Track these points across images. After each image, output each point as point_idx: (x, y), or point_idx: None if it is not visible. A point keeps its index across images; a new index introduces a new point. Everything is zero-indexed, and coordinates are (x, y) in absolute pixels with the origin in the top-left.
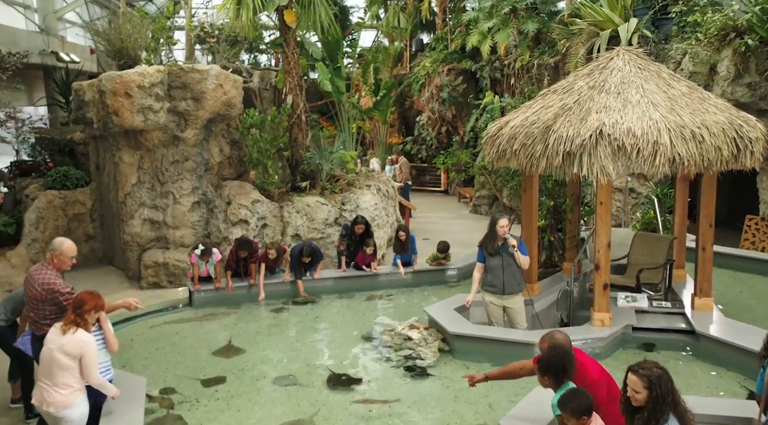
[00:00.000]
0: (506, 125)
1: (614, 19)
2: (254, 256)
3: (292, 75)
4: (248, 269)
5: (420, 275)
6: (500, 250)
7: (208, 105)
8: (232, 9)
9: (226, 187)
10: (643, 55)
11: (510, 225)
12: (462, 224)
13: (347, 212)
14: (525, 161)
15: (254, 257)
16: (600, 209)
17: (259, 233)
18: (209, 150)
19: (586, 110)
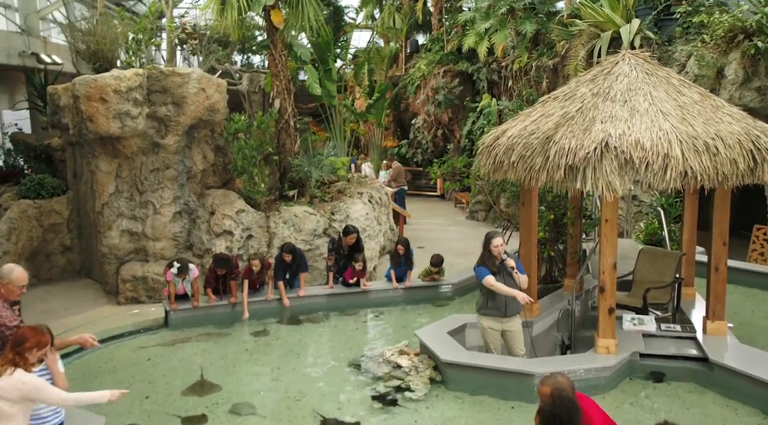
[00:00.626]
0: (503, 134)
1: (616, 20)
2: (234, 272)
3: (279, 78)
4: (228, 286)
5: (413, 291)
6: (500, 268)
7: (190, 110)
8: (216, 9)
9: (210, 196)
10: (650, 59)
11: (509, 234)
12: (458, 231)
13: (337, 223)
14: (524, 174)
15: (234, 273)
16: (605, 227)
17: (244, 245)
18: (192, 157)
19: (590, 120)
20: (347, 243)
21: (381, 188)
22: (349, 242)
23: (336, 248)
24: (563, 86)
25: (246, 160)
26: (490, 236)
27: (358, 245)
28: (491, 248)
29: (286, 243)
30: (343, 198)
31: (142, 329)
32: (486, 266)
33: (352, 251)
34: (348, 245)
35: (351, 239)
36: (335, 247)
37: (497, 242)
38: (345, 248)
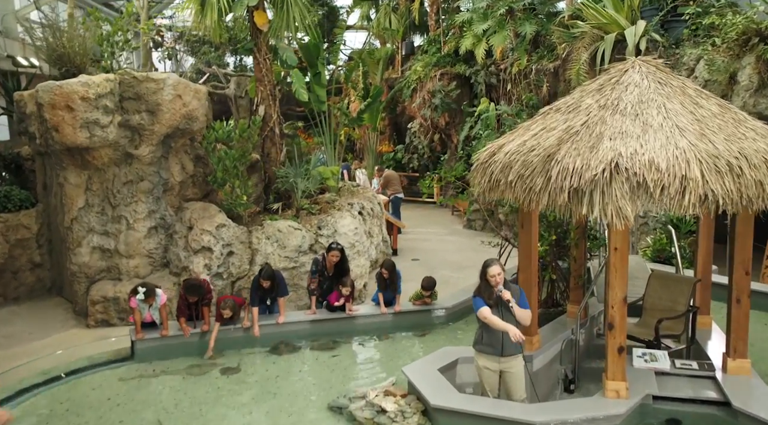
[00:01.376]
0: (500, 150)
1: (620, 22)
2: (206, 298)
3: (264, 83)
4: (201, 312)
5: (403, 316)
6: (498, 300)
7: (165, 118)
8: (195, 10)
9: (188, 210)
10: (663, 67)
11: (507, 253)
12: (455, 241)
13: (324, 238)
14: (522, 195)
15: (206, 298)
16: (614, 257)
17: (224, 262)
18: (168, 168)
19: (597, 136)
20: (331, 262)
21: (374, 198)
22: (332, 259)
23: (320, 269)
24: (566, 96)
25: (226, 171)
26: (486, 264)
27: (344, 265)
28: (488, 278)
29: (264, 267)
30: (331, 211)
31: (105, 361)
32: (482, 297)
33: (338, 271)
34: (332, 265)
35: (334, 256)
36: (319, 268)
37: (494, 271)
38: (329, 268)
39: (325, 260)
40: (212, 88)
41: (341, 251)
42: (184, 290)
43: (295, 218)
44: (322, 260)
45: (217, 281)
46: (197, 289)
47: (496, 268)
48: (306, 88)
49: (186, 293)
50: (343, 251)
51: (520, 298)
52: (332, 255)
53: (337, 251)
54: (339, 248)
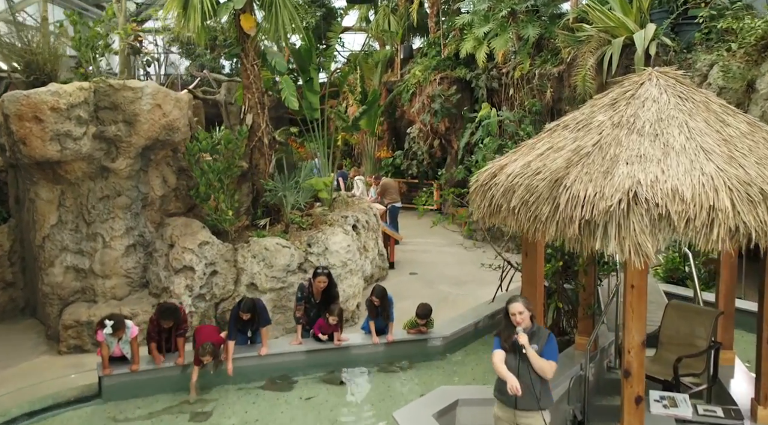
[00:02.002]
0: (501, 171)
1: (628, 25)
2: (182, 327)
3: (252, 90)
4: (174, 342)
5: (396, 346)
6: (517, 346)
7: (143, 130)
8: (177, 13)
9: (169, 226)
10: (683, 79)
11: (510, 277)
12: (455, 253)
13: (314, 256)
14: (527, 224)
15: (182, 328)
16: (632, 296)
17: (207, 283)
18: (148, 182)
19: (612, 159)
20: (318, 288)
21: (370, 209)
22: (319, 286)
23: (306, 296)
24: (575, 111)
25: (210, 186)
26: (509, 300)
27: (331, 291)
28: (510, 316)
29: (244, 299)
30: (323, 227)
31: (70, 400)
32: (501, 337)
33: (326, 298)
34: (319, 291)
35: (320, 282)
36: (305, 295)
37: (515, 308)
38: (316, 295)
39: (312, 286)
40: (202, 93)
41: (328, 275)
42: (158, 315)
43: (283, 235)
44: (308, 286)
45: (200, 303)
46: (172, 313)
47: (519, 305)
48: (297, 95)
49: (159, 318)
50: (331, 276)
51: (546, 345)
52: (319, 281)
53: (323, 276)
54: (326, 273)
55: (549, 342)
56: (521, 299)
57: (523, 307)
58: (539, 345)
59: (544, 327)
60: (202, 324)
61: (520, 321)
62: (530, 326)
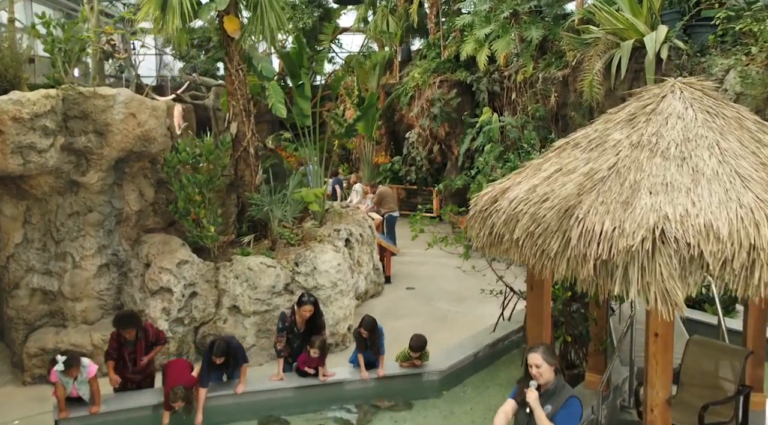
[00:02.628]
0: (503, 195)
1: (638, 27)
2: (146, 339)
3: (236, 97)
4: (138, 357)
5: (387, 381)
6: None
7: (116, 141)
8: (155, 15)
9: (146, 244)
10: (711, 90)
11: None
12: (455, 265)
13: (301, 276)
14: (533, 259)
15: (146, 339)
16: (655, 346)
17: (186, 305)
18: (123, 197)
19: (632, 186)
20: (302, 317)
21: (365, 221)
22: (304, 315)
23: (288, 326)
24: (587, 127)
25: (189, 200)
26: (529, 348)
27: (317, 321)
28: (528, 365)
29: (216, 343)
30: (311, 244)
31: None
32: (518, 385)
33: (311, 328)
34: (304, 320)
35: (306, 312)
36: (287, 325)
37: (532, 360)
38: (300, 324)
39: (294, 315)
40: (191, 97)
41: (315, 304)
42: (117, 324)
43: (269, 253)
44: (290, 314)
45: (177, 327)
46: (132, 319)
47: (537, 357)
48: (286, 101)
49: (119, 327)
50: (317, 304)
51: (562, 409)
52: (304, 310)
53: (309, 305)
54: (312, 301)
55: (566, 407)
56: (541, 349)
57: (541, 360)
58: (553, 407)
59: (569, 387)
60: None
61: (537, 374)
62: (551, 381)
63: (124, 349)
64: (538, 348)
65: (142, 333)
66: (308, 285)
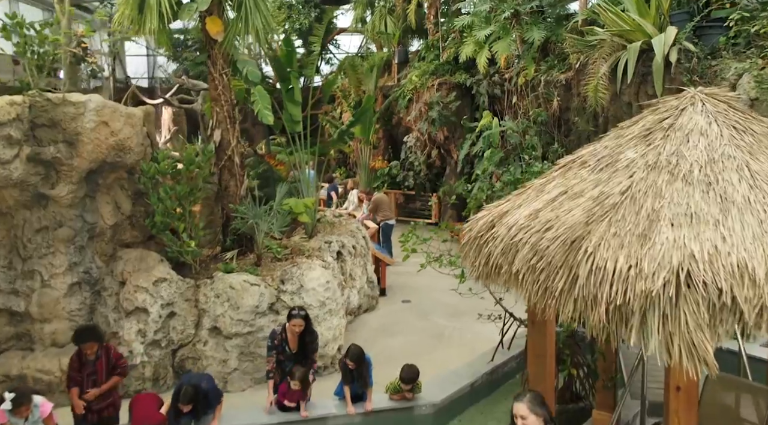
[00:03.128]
0: (500, 221)
1: (646, 29)
2: (120, 364)
3: (220, 103)
4: (99, 377)
5: (376, 417)
6: None
7: (87, 151)
8: (132, 15)
9: (121, 260)
10: (736, 102)
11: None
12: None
13: (287, 295)
14: (534, 296)
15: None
16: (677, 402)
17: (163, 326)
18: (96, 210)
19: (649, 216)
20: (293, 332)
21: (358, 232)
22: (293, 330)
23: (278, 344)
24: (595, 143)
25: (167, 214)
26: (515, 396)
27: (309, 340)
28: (513, 416)
29: (184, 388)
30: (299, 259)
31: None
32: None
33: (303, 347)
34: (295, 337)
35: (296, 326)
36: (277, 344)
37: (516, 410)
38: (292, 343)
39: (285, 332)
40: (179, 101)
41: (305, 318)
42: (76, 338)
43: (253, 269)
44: (281, 331)
45: (154, 350)
46: (92, 332)
47: (522, 407)
48: (271, 108)
49: (79, 343)
50: (308, 319)
51: None
52: (293, 325)
53: (299, 318)
54: (302, 315)
55: None
56: (528, 398)
57: (527, 410)
58: None
59: None
60: (148, 393)
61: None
62: None
63: (84, 370)
64: (524, 397)
65: (103, 352)
66: (294, 305)
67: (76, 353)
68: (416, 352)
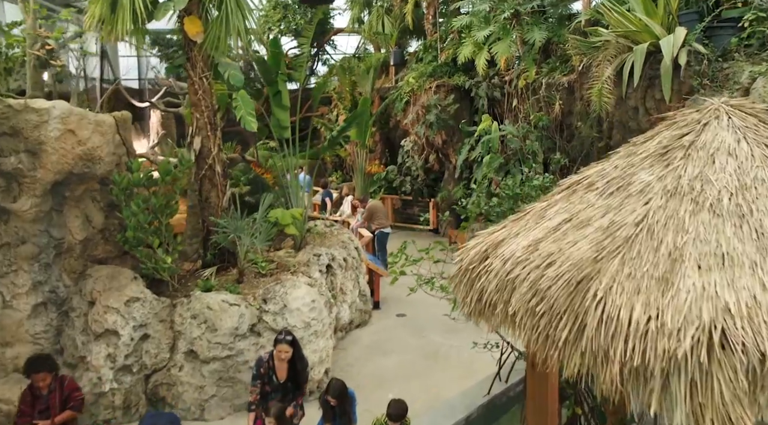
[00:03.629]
0: (495, 251)
1: (654, 30)
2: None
3: (200, 108)
4: (52, 412)
5: None
6: None
7: (51, 161)
8: (103, 15)
9: (91, 278)
10: (766, 115)
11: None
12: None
13: (269, 315)
14: (534, 344)
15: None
16: None
17: (135, 350)
18: (64, 224)
19: (671, 254)
20: (279, 359)
21: (351, 242)
22: (280, 356)
23: (264, 373)
24: (603, 162)
25: (141, 229)
26: None
27: (301, 373)
28: None
29: (281, 331)
30: (283, 277)
31: None
32: None
33: (293, 377)
34: (283, 365)
35: (282, 352)
36: (263, 372)
37: None
38: (279, 371)
39: (273, 359)
40: (165, 105)
41: (292, 343)
42: (27, 368)
43: (234, 287)
44: (267, 359)
45: (124, 376)
46: (45, 361)
47: None
48: (254, 115)
49: (30, 373)
50: (296, 343)
51: None
52: (279, 351)
53: (285, 344)
54: (288, 341)
55: None
56: None
57: None
58: None
59: None
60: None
61: None
62: None
63: (37, 405)
64: None
65: (57, 384)
66: (277, 326)
67: (28, 386)
68: (409, 374)
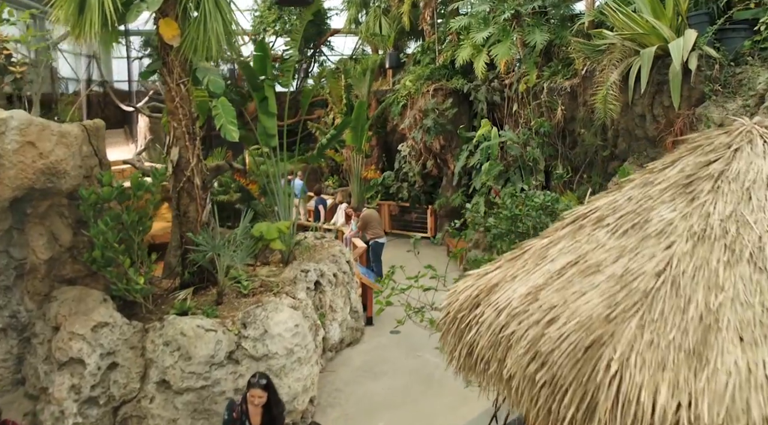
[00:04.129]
0: (487, 298)
1: (662, 32)
2: None
3: (177, 117)
4: None
5: None
6: None
7: (10, 176)
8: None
9: (56, 301)
10: None
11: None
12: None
13: (249, 341)
14: (534, 418)
15: None
16: None
17: (102, 380)
18: (27, 244)
19: (703, 318)
20: (253, 404)
21: (341, 255)
22: (253, 402)
23: (237, 418)
24: (615, 192)
25: (110, 249)
26: None
27: (272, 412)
28: None
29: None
30: (265, 298)
31: None
32: None
33: (268, 421)
34: (258, 410)
35: (256, 397)
36: (236, 417)
37: None
38: (254, 417)
39: (245, 403)
40: (151, 109)
41: (266, 387)
42: None
43: (212, 310)
44: (240, 402)
45: (90, 409)
46: None
47: None
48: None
49: None
50: (271, 387)
51: None
52: (253, 396)
53: (258, 389)
54: (262, 385)
55: None
56: None
57: None
58: None
59: None
60: None
61: None
62: None
63: None
64: None
65: None
66: (257, 353)
67: None
68: (401, 401)
